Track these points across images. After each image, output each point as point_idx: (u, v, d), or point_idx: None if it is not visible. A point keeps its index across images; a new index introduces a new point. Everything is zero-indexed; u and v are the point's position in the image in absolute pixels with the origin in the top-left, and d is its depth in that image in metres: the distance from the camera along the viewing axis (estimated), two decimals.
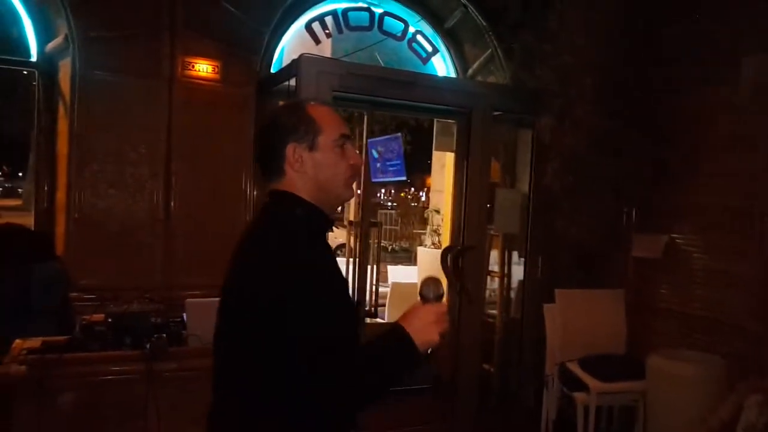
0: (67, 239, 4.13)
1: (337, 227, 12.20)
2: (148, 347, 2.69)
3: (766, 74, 3.60)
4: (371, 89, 4.14)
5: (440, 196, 7.53)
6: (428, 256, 6.83)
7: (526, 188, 4.64)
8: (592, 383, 3.78)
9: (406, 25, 5.42)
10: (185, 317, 2.96)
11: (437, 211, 7.49)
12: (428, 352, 1.40)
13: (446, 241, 5.62)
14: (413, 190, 24.60)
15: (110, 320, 2.80)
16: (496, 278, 4.90)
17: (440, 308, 1.42)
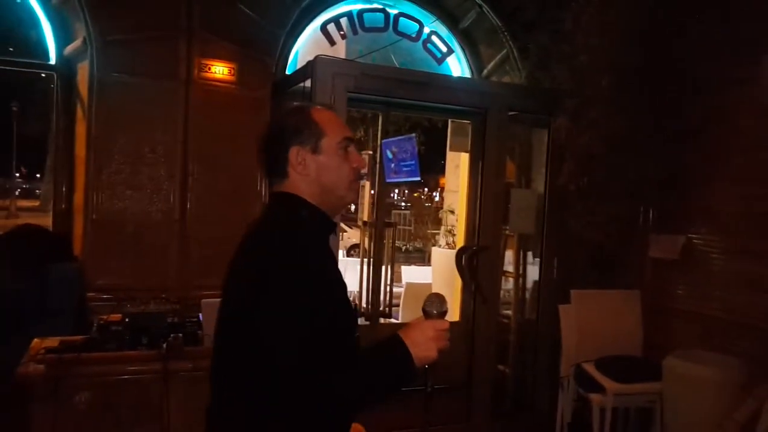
0: (84, 240, 4.17)
1: (350, 227, 12.24)
2: (164, 347, 2.71)
3: None
4: (386, 90, 4.14)
5: (454, 196, 7.52)
6: (443, 256, 6.82)
7: (541, 188, 4.62)
8: (608, 384, 3.74)
9: (421, 25, 5.43)
10: (201, 317, 2.98)
11: (452, 211, 7.47)
12: (425, 367, 1.40)
13: (461, 241, 5.60)
14: (426, 190, 24.60)
15: (127, 320, 2.83)
16: (510, 279, 4.88)
17: (442, 325, 1.42)
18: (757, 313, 3.66)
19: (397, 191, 21.77)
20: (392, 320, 5.37)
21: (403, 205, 20.10)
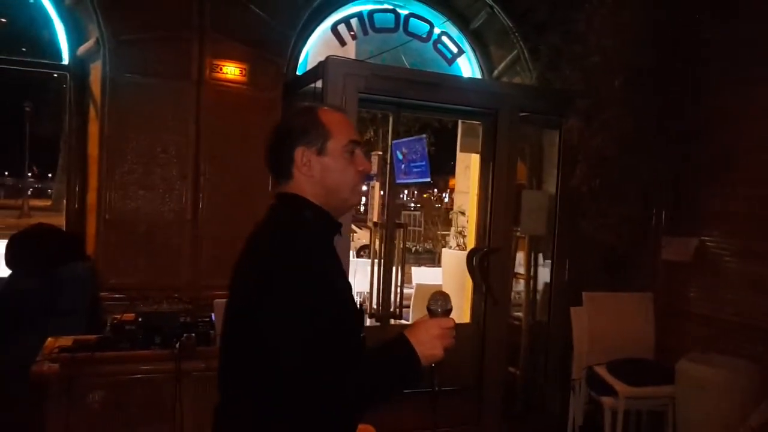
0: (97, 239, 4.19)
1: (360, 228, 12.25)
2: (176, 347, 2.72)
3: None
4: (397, 91, 4.13)
5: (464, 197, 7.50)
6: (453, 257, 6.81)
7: (552, 190, 4.60)
8: (620, 387, 3.73)
9: (431, 26, 5.42)
10: (213, 317, 2.99)
11: (462, 212, 7.46)
12: (431, 366, 1.39)
13: (471, 242, 5.59)
14: (436, 191, 24.58)
15: (140, 320, 2.84)
16: (521, 280, 4.86)
17: (447, 323, 1.41)
18: None
19: (406, 192, 21.75)
20: (402, 321, 5.36)
21: (412, 206, 20.09)
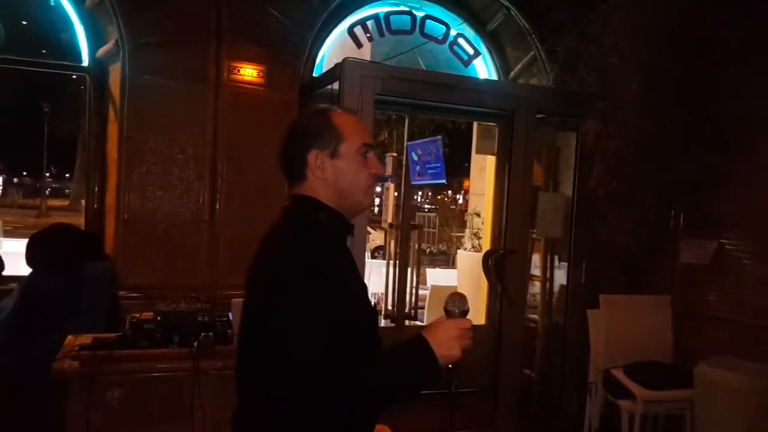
0: (116, 239, 4.23)
1: (374, 229, 12.24)
2: (195, 345, 2.74)
3: None
4: (413, 92, 4.14)
5: (479, 199, 7.48)
6: (469, 259, 6.79)
7: (569, 192, 4.58)
8: (638, 391, 3.70)
9: (447, 28, 5.42)
10: (231, 316, 3.01)
11: (477, 214, 7.43)
12: (449, 366, 1.39)
13: (487, 244, 5.58)
14: (450, 192, 24.54)
15: (159, 318, 2.86)
16: (537, 282, 4.85)
17: (464, 324, 1.41)
18: None
19: (420, 193, 21.75)
20: (417, 323, 5.37)
21: (426, 207, 20.08)
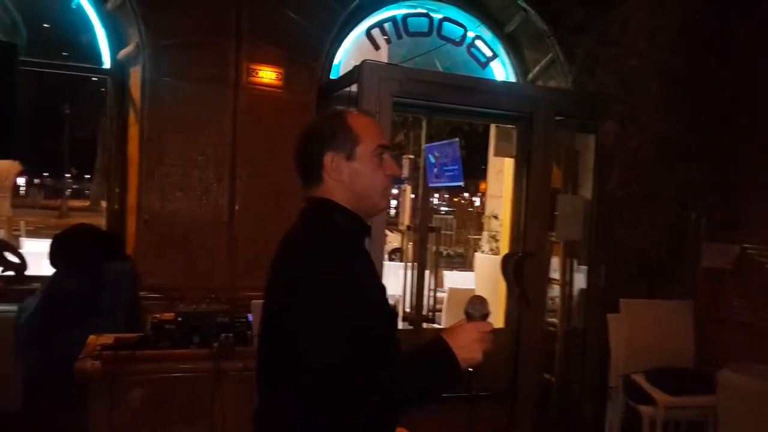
0: (136, 240, 4.28)
1: (391, 231, 12.23)
2: (215, 346, 2.75)
3: None
4: (431, 94, 4.14)
5: (497, 201, 7.45)
6: (487, 261, 6.76)
7: (588, 195, 4.54)
8: (659, 396, 3.65)
9: (465, 30, 5.41)
10: (250, 318, 3.01)
11: (495, 216, 7.40)
12: (469, 370, 1.39)
13: (505, 247, 5.55)
14: (467, 195, 24.46)
15: (179, 319, 2.87)
16: (556, 286, 4.81)
17: (485, 327, 1.40)
18: None
19: (437, 195, 21.70)
20: (435, 325, 5.35)
21: (443, 210, 20.03)
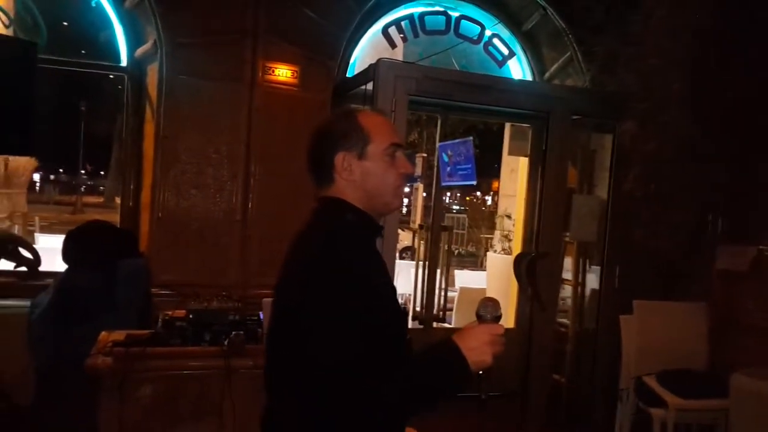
0: (150, 237, 4.30)
1: (402, 230, 12.23)
2: (226, 344, 2.76)
3: None
4: (447, 93, 4.12)
5: (510, 200, 7.42)
6: (499, 261, 6.74)
7: (604, 195, 4.51)
8: (671, 399, 3.62)
9: (482, 28, 5.37)
10: (261, 316, 3.02)
11: (508, 216, 7.37)
12: (480, 372, 1.38)
13: (518, 246, 5.53)
14: (479, 194, 24.39)
15: (191, 316, 2.88)
16: (568, 286, 4.78)
17: (497, 329, 1.39)
18: None
19: (449, 194, 21.64)
20: (446, 325, 5.34)
21: (455, 208, 19.98)
